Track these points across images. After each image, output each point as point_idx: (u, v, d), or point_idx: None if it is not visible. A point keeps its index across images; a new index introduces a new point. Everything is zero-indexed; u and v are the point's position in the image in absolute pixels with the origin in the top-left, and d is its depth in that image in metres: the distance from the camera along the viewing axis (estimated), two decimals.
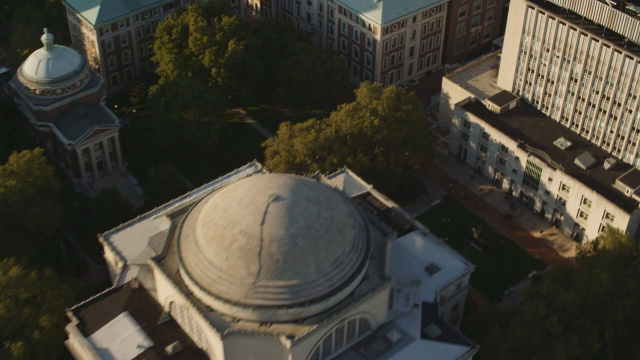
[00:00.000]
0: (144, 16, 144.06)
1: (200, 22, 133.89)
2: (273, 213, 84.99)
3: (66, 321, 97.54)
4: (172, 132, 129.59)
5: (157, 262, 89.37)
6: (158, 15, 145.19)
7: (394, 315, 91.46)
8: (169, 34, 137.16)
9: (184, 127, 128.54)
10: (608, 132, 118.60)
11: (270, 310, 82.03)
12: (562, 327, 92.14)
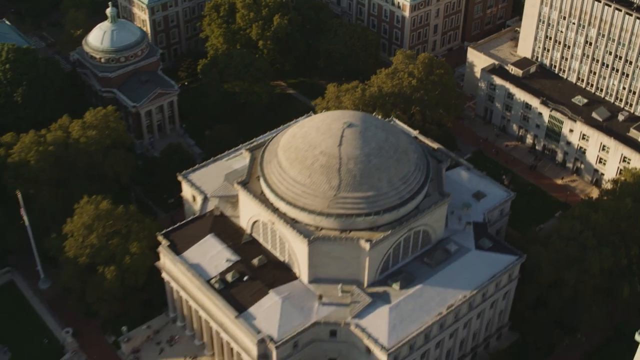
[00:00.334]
0: None
1: (247, 0, 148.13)
2: (348, 136, 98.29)
3: (152, 250, 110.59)
4: (226, 98, 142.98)
5: (243, 185, 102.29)
6: None
7: (449, 232, 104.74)
8: (217, 11, 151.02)
9: (236, 93, 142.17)
10: (621, 88, 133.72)
11: (349, 218, 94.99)
12: (595, 242, 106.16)
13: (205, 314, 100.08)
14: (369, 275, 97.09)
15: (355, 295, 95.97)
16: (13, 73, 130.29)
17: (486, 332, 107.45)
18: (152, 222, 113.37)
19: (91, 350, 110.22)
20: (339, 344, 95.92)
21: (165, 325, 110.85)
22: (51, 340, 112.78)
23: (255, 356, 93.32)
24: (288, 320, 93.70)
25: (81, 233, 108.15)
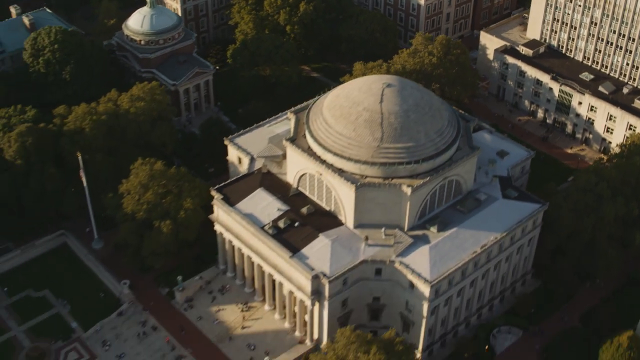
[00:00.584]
0: None
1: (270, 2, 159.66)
2: (388, 95, 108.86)
3: (203, 207, 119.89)
4: (256, 79, 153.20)
5: (291, 142, 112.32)
6: None
7: (478, 185, 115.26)
8: (240, 5, 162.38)
9: (266, 75, 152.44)
10: (624, 64, 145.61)
11: (392, 167, 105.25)
12: (609, 193, 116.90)
13: (259, 259, 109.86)
14: (409, 220, 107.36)
15: (397, 237, 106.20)
16: (61, 53, 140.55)
17: (512, 276, 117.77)
18: (201, 182, 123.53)
19: (146, 301, 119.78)
20: (383, 282, 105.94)
21: (216, 277, 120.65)
22: (107, 294, 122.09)
23: (309, 292, 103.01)
24: (338, 259, 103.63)
25: (137, 191, 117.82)
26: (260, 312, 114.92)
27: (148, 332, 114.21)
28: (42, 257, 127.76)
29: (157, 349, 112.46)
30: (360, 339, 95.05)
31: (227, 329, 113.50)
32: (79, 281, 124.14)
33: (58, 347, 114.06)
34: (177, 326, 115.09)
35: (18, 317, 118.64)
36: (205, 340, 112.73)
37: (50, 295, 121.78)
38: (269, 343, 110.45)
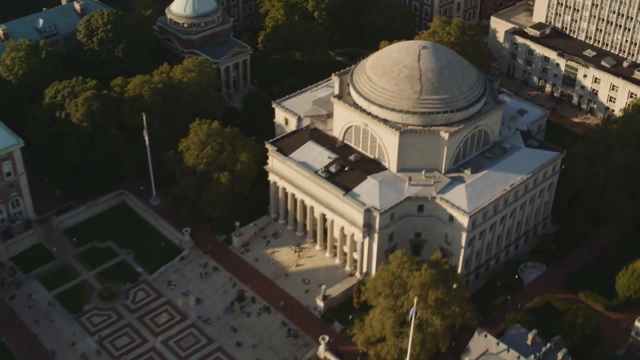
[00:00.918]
0: None
1: None
2: (424, 55, 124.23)
3: (256, 161, 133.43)
4: (289, 61, 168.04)
5: (338, 98, 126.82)
6: None
7: (502, 137, 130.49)
8: None
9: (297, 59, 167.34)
10: (624, 41, 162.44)
11: (430, 115, 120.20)
12: (618, 143, 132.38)
13: (312, 201, 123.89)
14: (446, 164, 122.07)
15: (436, 177, 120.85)
16: (114, 33, 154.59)
17: (535, 219, 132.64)
18: (253, 141, 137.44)
19: (205, 247, 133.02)
20: (425, 218, 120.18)
21: (269, 224, 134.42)
22: (167, 244, 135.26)
23: (361, 225, 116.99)
24: (386, 196, 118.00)
25: (197, 147, 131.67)
26: (311, 252, 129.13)
27: (209, 272, 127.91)
28: (103, 214, 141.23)
29: (220, 286, 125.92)
30: (411, 260, 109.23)
31: (283, 267, 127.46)
32: (140, 233, 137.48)
33: (127, 287, 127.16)
34: (235, 267, 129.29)
35: (87, 264, 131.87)
36: (263, 277, 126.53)
37: (114, 246, 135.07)
38: (321, 277, 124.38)
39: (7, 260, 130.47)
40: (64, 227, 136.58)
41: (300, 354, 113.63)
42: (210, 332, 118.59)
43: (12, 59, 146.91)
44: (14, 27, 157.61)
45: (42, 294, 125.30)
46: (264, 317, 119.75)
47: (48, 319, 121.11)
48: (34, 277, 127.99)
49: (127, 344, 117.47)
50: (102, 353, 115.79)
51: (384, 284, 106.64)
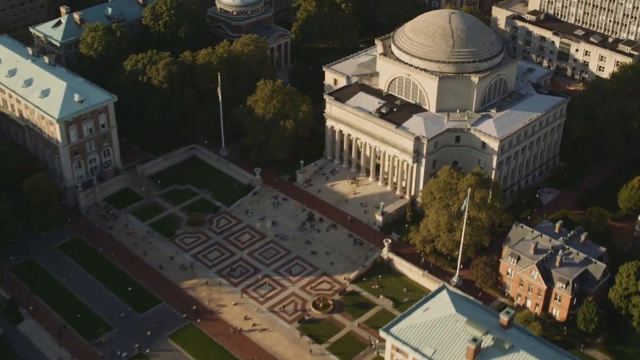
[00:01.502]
0: None
1: None
2: (454, 18, 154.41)
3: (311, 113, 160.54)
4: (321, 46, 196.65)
5: (384, 55, 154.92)
6: None
7: (517, 87, 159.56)
8: None
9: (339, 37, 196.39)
10: (607, 21, 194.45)
11: (462, 65, 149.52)
12: (611, 92, 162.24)
13: (367, 137, 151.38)
14: (476, 104, 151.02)
15: (469, 114, 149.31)
16: (176, 17, 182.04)
17: (547, 155, 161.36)
18: (308, 98, 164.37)
19: (272, 184, 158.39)
20: (461, 148, 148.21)
21: (326, 164, 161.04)
22: (239, 185, 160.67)
23: (411, 152, 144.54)
24: (430, 128, 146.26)
25: (264, 101, 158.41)
26: (365, 183, 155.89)
27: (280, 202, 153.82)
28: (179, 164, 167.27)
29: (291, 211, 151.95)
30: (457, 171, 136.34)
31: (342, 195, 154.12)
32: (213, 178, 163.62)
33: (210, 216, 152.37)
34: (301, 198, 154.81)
35: (172, 202, 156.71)
36: (327, 204, 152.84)
37: (192, 187, 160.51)
38: (376, 201, 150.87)
39: (102, 201, 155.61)
40: (147, 174, 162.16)
41: (369, 256, 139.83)
42: (287, 245, 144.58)
43: (92, 37, 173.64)
44: (87, 13, 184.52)
45: (137, 224, 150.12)
46: (332, 232, 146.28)
47: (146, 241, 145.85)
48: (128, 212, 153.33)
49: (217, 256, 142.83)
50: (197, 265, 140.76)
51: (438, 188, 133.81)
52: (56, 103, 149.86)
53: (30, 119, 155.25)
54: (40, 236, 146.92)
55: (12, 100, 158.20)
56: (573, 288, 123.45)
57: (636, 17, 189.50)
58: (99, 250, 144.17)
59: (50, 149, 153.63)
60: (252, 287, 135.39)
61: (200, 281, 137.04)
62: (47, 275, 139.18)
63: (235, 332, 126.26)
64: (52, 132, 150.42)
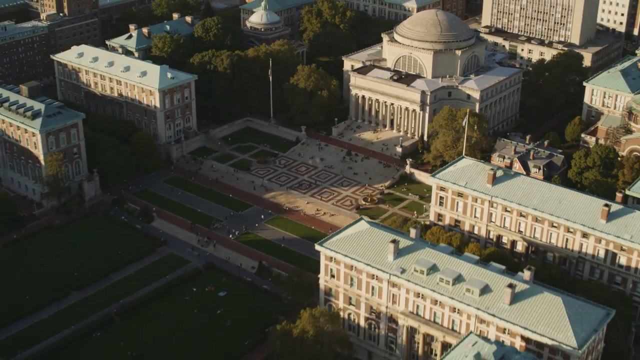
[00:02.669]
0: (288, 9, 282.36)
1: (328, 4, 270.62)
2: (439, 14, 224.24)
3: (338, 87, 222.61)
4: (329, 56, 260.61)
5: (392, 41, 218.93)
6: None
7: (485, 63, 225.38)
8: (310, 13, 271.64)
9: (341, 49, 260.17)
10: (543, 29, 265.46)
11: (448, 43, 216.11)
12: (554, 65, 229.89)
13: (384, 97, 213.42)
14: (459, 72, 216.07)
15: (456, 78, 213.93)
16: (223, 29, 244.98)
17: (510, 112, 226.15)
18: (334, 77, 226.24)
19: (313, 138, 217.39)
20: (452, 100, 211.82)
21: (352, 123, 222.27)
22: (287, 141, 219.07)
23: (418, 102, 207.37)
24: (430, 86, 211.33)
25: (304, 78, 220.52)
26: (384, 132, 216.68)
27: (323, 147, 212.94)
28: (239, 130, 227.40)
29: (332, 152, 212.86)
30: (455, 109, 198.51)
31: (368, 140, 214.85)
32: (267, 138, 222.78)
33: (272, 159, 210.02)
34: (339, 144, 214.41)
35: (240, 152, 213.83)
36: (357, 147, 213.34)
37: (253, 144, 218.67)
38: (394, 142, 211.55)
39: (187, 154, 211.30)
40: (217, 136, 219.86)
41: (396, 172, 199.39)
42: (334, 171, 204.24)
43: (162, 42, 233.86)
44: (152, 29, 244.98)
45: (219, 165, 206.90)
46: (365, 161, 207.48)
47: (229, 174, 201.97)
48: (210, 159, 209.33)
49: (285, 180, 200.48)
50: (270, 185, 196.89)
51: (443, 118, 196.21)
52: (154, 79, 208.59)
53: (129, 95, 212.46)
54: (146, 177, 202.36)
55: (112, 84, 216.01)
56: (543, 172, 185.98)
57: (564, 23, 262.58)
58: (196, 183, 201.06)
59: (147, 116, 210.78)
60: (317, 194, 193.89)
61: (277, 193, 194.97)
62: (162, 197, 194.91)
63: (311, 216, 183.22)
64: (151, 101, 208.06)
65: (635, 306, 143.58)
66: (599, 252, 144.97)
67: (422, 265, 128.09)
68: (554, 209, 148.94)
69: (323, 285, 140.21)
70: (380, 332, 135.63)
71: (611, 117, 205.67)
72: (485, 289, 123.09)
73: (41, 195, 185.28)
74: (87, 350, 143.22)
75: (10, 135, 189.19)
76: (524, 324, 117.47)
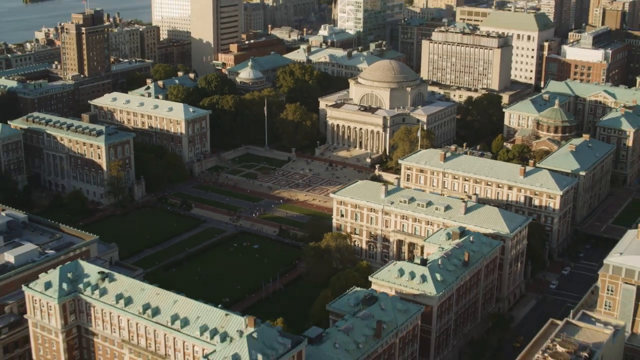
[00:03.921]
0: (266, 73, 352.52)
1: (298, 66, 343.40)
2: (392, 62, 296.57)
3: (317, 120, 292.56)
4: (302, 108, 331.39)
5: (356, 82, 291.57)
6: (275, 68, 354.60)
7: (428, 99, 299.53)
8: (285, 72, 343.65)
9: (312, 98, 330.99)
10: (469, 80, 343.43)
11: (401, 82, 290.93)
12: (477, 101, 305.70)
13: (353, 123, 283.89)
14: (410, 104, 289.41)
15: (408, 108, 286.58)
16: (221, 83, 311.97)
17: (449, 134, 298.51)
18: (313, 113, 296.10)
19: (301, 157, 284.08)
20: (406, 124, 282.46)
21: (329, 146, 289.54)
22: (280, 161, 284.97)
23: (381, 126, 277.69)
24: (389, 113, 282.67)
25: (292, 113, 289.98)
26: (355, 150, 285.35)
27: (309, 162, 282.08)
28: (241, 155, 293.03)
29: (317, 165, 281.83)
30: (409, 128, 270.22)
31: (343, 156, 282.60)
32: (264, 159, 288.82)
33: (272, 171, 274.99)
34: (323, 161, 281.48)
35: (246, 168, 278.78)
36: (335, 161, 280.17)
37: (254, 162, 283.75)
38: (364, 156, 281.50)
39: (205, 170, 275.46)
40: (226, 158, 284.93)
41: (368, 175, 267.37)
42: (321, 177, 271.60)
43: (177, 91, 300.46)
44: (165, 82, 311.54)
45: (232, 177, 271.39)
46: (344, 170, 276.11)
47: (242, 181, 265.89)
48: (223, 173, 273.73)
49: (285, 183, 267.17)
50: (275, 187, 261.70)
51: (401, 133, 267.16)
52: (180, 112, 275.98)
53: (159, 126, 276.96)
54: (177, 185, 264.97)
55: (144, 119, 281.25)
56: None
57: (486, 74, 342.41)
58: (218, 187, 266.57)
59: (174, 141, 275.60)
60: (311, 191, 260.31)
61: (281, 191, 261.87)
62: (195, 196, 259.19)
63: (310, 203, 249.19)
64: (178, 129, 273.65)
65: (547, 233, 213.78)
66: (520, 198, 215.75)
67: (405, 197, 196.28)
68: (487, 173, 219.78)
69: (335, 223, 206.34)
70: (377, 250, 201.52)
71: (524, 130, 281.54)
72: (447, 207, 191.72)
73: (102, 195, 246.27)
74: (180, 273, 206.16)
75: (76, 151, 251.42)
76: (474, 223, 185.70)
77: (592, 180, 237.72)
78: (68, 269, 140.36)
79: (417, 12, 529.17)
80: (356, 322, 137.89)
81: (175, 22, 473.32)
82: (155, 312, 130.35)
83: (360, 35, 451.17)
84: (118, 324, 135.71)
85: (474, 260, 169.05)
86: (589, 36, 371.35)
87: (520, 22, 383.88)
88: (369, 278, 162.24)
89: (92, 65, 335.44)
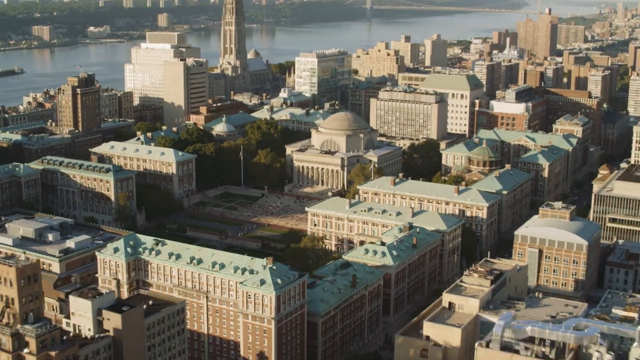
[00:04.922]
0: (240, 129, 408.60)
1: (264, 121, 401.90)
2: (347, 114, 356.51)
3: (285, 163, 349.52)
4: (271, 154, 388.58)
5: (317, 131, 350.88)
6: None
7: (377, 144, 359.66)
8: (253, 127, 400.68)
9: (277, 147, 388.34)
10: (412, 130, 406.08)
11: (355, 130, 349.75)
12: (420, 147, 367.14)
13: (316, 164, 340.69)
14: (362, 148, 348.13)
15: (361, 151, 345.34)
16: (201, 134, 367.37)
17: (396, 174, 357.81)
18: (282, 157, 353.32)
19: (273, 193, 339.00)
20: (360, 163, 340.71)
21: (295, 184, 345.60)
22: (255, 197, 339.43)
23: (340, 165, 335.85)
24: (346, 155, 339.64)
25: (265, 157, 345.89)
26: (318, 187, 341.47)
27: (280, 197, 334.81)
28: (221, 193, 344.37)
29: (287, 199, 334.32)
30: (363, 166, 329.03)
31: (308, 192, 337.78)
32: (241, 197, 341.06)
33: (250, 204, 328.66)
34: (292, 197, 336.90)
35: (227, 202, 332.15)
36: (302, 195, 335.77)
37: (233, 198, 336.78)
38: (326, 191, 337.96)
39: (192, 204, 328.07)
40: (209, 195, 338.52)
41: None
42: (291, 208, 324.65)
43: (164, 140, 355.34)
44: (153, 134, 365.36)
45: (216, 209, 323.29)
46: (308, 202, 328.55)
47: (224, 213, 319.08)
48: (209, 206, 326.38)
49: (262, 212, 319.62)
50: (253, 215, 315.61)
51: (357, 170, 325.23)
52: (171, 156, 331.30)
53: (152, 168, 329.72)
54: (170, 215, 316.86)
55: (139, 162, 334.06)
56: None
57: (425, 126, 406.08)
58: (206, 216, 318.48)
59: (166, 180, 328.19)
60: (284, 217, 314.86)
61: (260, 217, 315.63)
62: (187, 223, 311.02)
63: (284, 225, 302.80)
64: (170, 170, 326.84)
65: (478, 238, 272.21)
66: (455, 211, 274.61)
67: (365, 207, 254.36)
68: (429, 193, 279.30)
69: (309, 230, 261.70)
70: (344, 250, 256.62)
71: (458, 166, 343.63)
72: (398, 213, 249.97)
73: (110, 222, 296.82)
74: None
75: (87, 186, 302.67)
76: (419, 223, 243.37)
77: (513, 199, 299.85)
78: (129, 239, 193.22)
79: (362, 81, 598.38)
80: (337, 277, 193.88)
81: (146, 90, 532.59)
82: (199, 262, 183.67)
83: (315, 97, 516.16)
84: (170, 274, 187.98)
85: (421, 245, 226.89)
86: (512, 92, 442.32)
87: (454, 83, 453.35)
88: (342, 257, 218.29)
89: (86, 121, 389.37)
